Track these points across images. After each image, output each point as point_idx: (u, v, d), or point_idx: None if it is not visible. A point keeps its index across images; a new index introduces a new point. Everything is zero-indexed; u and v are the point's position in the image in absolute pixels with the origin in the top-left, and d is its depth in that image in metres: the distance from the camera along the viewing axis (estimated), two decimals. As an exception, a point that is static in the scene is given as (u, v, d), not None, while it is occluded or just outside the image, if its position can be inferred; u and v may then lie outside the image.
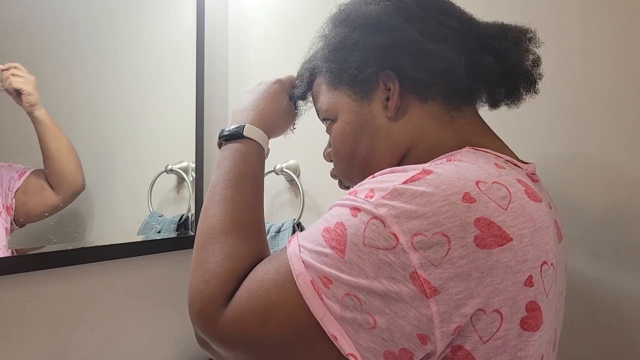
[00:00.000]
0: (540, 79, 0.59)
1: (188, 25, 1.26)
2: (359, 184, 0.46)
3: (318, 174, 1.19)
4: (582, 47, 0.81)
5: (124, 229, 1.11)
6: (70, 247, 0.97)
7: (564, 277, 0.53)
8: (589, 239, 0.79)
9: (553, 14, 0.82)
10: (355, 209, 0.43)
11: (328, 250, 0.42)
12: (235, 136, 0.63)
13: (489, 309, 0.39)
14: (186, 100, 1.25)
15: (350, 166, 0.60)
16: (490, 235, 0.39)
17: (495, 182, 0.43)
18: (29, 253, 0.89)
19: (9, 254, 0.86)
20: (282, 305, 0.43)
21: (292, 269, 0.44)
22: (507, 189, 0.43)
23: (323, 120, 0.64)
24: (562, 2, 0.83)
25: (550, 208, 0.54)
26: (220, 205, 0.55)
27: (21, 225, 0.89)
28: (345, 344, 0.40)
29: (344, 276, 0.41)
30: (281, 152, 1.22)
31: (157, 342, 1.14)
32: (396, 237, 0.39)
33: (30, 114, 0.90)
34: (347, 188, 0.65)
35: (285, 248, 0.47)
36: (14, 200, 0.89)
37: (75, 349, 0.96)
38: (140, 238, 1.14)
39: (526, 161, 0.56)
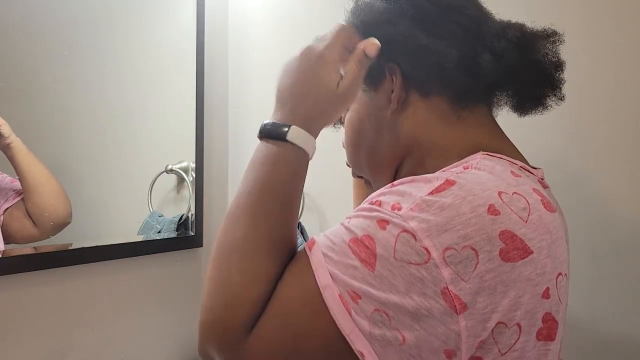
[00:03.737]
0: (562, 84, 0.56)
1: (188, 25, 1.26)
2: (379, 192, 0.45)
3: (318, 174, 1.19)
4: (585, 47, 0.81)
5: (124, 229, 1.11)
6: (70, 247, 0.97)
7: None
8: (589, 239, 0.79)
9: (555, 13, 0.82)
10: (383, 222, 0.41)
11: (357, 264, 0.41)
12: (276, 136, 0.51)
13: (510, 323, 0.39)
14: (186, 100, 1.25)
15: (357, 155, 0.61)
16: (514, 249, 0.39)
17: (515, 193, 0.42)
18: (29, 253, 0.89)
19: (8, 253, 0.86)
20: (315, 330, 0.41)
21: (317, 281, 0.42)
22: (526, 200, 0.42)
23: None
24: (565, 2, 0.83)
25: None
26: (250, 217, 0.48)
27: (6, 243, 0.86)
28: None
29: (374, 291, 0.40)
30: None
31: (157, 342, 1.14)
32: (428, 252, 0.38)
33: (5, 148, 0.84)
34: (360, 177, 0.66)
35: (304, 257, 0.44)
36: (1, 217, 0.86)
37: (75, 349, 0.96)
38: (140, 238, 1.13)
39: (535, 166, 0.55)
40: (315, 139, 0.53)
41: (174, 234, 1.19)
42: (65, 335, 0.95)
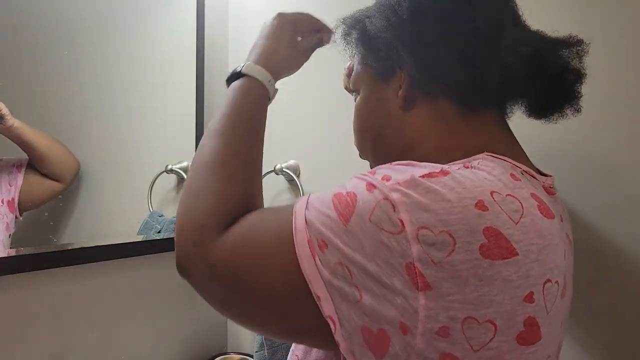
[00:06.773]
0: (579, 96, 0.56)
1: (188, 25, 1.26)
2: (378, 166, 0.47)
3: (318, 174, 1.19)
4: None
5: (124, 229, 1.12)
6: (70, 247, 0.97)
7: (570, 292, 0.52)
8: (589, 238, 0.79)
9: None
10: (372, 186, 0.43)
11: (333, 214, 0.43)
12: (236, 76, 0.62)
13: (482, 319, 0.39)
14: (186, 100, 1.25)
15: (363, 141, 0.64)
16: (496, 247, 0.39)
17: (509, 195, 0.42)
18: (29, 253, 0.89)
19: (8, 253, 0.86)
20: (279, 259, 0.44)
21: (294, 222, 0.44)
22: (520, 202, 0.42)
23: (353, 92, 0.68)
24: (564, 2, 0.83)
25: (562, 221, 0.53)
26: (215, 137, 0.56)
27: (25, 211, 0.92)
28: (326, 306, 0.41)
29: (341, 245, 0.41)
30: (281, 152, 1.22)
31: (157, 342, 1.14)
32: (403, 224, 0.39)
33: (10, 128, 0.88)
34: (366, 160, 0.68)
35: (292, 204, 0.48)
36: (19, 194, 0.90)
37: (75, 349, 0.96)
38: (140, 238, 1.14)
39: (546, 173, 0.55)
40: (276, 81, 0.64)
41: (174, 234, 1.19)
42: (65, 335, 0.95)
